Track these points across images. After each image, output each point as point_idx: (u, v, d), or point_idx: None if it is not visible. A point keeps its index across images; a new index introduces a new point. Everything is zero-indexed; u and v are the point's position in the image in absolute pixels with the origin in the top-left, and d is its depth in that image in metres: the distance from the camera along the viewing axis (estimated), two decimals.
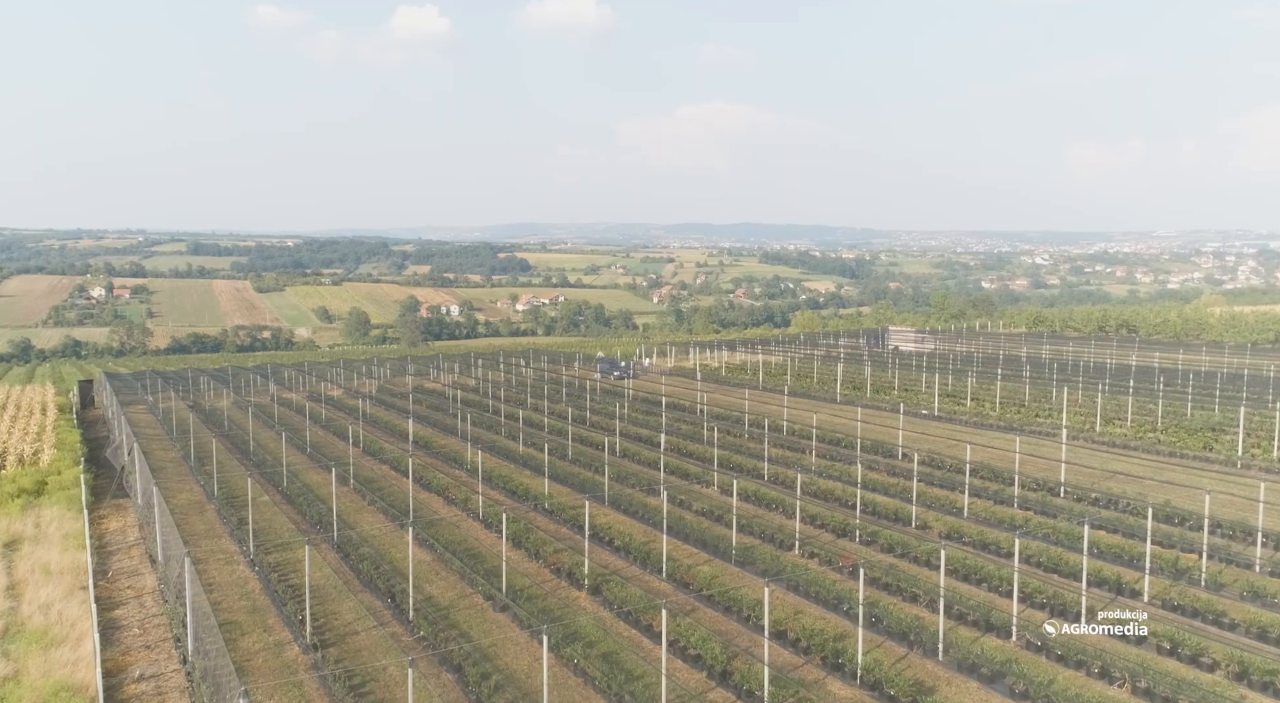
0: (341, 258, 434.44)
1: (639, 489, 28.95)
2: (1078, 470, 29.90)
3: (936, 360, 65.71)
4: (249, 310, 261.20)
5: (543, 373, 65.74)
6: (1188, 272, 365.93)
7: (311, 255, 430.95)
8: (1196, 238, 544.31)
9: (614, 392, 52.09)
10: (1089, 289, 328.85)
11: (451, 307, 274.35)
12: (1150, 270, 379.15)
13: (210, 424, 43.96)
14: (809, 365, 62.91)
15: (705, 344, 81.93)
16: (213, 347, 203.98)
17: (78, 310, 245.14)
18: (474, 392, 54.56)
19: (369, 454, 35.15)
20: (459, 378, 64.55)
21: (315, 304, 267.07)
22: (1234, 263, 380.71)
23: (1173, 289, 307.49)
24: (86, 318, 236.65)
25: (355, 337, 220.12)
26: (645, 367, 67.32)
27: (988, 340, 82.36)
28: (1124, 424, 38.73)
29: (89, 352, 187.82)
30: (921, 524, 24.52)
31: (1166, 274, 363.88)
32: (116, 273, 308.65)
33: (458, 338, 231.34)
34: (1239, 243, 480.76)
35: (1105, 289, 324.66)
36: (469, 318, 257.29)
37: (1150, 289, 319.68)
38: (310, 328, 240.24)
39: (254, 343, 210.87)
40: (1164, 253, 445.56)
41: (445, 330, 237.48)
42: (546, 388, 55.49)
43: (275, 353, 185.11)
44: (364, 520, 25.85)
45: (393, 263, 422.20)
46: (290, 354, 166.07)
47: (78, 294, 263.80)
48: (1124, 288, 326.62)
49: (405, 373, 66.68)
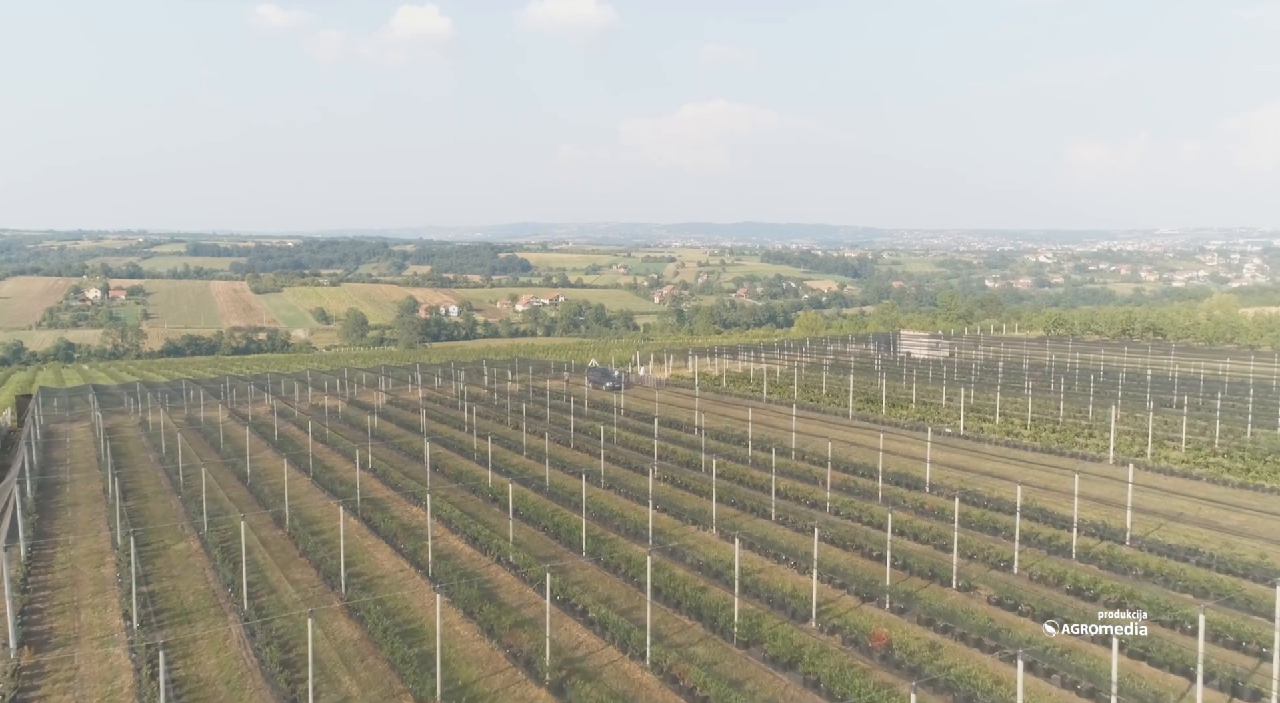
0: (341, 258, 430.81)
1: (623, 534, 24.59)
2: (1142, 507, 25.43)
3: (955, 369, 61.20)
4: (246, 312, 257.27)
5: (530, 383, 61.32)
6: (1192, 270, 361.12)
7: (311, 256, 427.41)
8: (1199, 236, 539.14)
9: (604, 405, 47.70)
10: (1094, 288, 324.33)
11: (450, 307, 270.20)
12: (1155, 269, 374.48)
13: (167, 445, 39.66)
14: (817, 375, 58.47)
15: (705, 350, 77.36)
16: (207, 349, 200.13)
17: (73, 312, 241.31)
18: (452, 407, 50.16)
19: (314, 487, 30.80)
20: (439, 389, 60.22)
21: (313, 305, 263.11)
22: (1239, 261, 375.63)
23: (1178, 287, 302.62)
24: (81, 320, 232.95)
25: (353, 338, 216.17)
26: (640, 376, 62.90)
27: (1006, 345, 77.73)
28: (1177, 445, 34.30)
29: (82, 354, 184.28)
30: (966, 584, 20.13)
31: (1171, 272, 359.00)
32: (113, 274, 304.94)
33: (456, 339, 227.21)
34: (1242, 241, 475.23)
35: (1110, 288, 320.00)
36: (468, 319, 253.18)
37: (1155, 288, 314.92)
38: (307, 329, 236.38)
39: (249, 345, 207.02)
40: (1168, 251, 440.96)
41: (444, 331, 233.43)
42: (528, 404, 51.12)
43: (268, 356, 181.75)
44: (293, 576, 21.54)
45: (393, 263, 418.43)
46: (283, 357, 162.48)
47: (73, 296, 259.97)
48: (1129, 286, 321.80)
49: (379, 386, 62.34)
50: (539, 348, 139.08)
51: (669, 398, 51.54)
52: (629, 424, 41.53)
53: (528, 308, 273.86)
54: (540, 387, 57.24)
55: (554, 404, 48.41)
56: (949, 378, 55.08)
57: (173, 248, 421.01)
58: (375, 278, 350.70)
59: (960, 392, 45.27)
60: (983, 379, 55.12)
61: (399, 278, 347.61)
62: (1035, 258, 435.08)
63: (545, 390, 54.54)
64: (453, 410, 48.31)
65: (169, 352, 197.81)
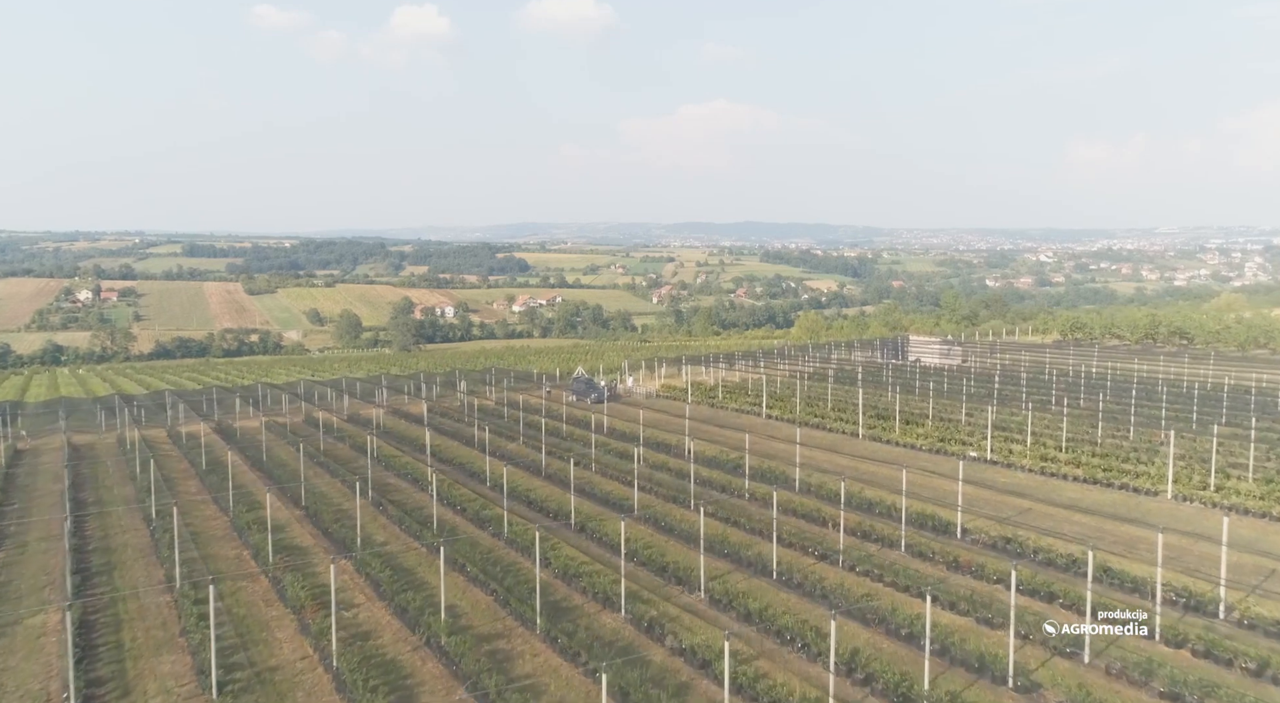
0: (338, 259, 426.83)
1: (592, 597, 19.93)
2: (1237, 569, 20.51)
3: (971, 378, 56.47)
4: (239, 313, 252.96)
5: (507, 397, 56.62)
6: (1194, 268, 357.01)
7: (308, 257, 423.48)
8: (1199, 234, 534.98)
9: (585, 423, 42.90)
10: (1095, 287, 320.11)
11: (446, 308, 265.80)
12: (1156, 267, 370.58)
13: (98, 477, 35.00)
14: (821, 386, 53.73)
15: (700, 358, 72.32)
16: (198, 351, 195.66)
17: (62, 314, 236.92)
18: (418, 423, 45.36)
19: (231, 533, 26.20)
20: (409, 402, 55.53)
21: (307, 306, 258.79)
22: (1240, 259, 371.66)
23: (1180, 286, 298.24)
24: (71, 322, 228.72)
25: (346, 340, 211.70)
26: (629, 387, 58.08)
27: (1023, 351, 72.66)
28: (1243, 475, 29.63)
29: (70, 357, 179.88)
30: (1025, 683, 15.48)
31: (1173, 271, 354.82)
32: (106, 275, 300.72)
33: (451, 340, 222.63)
34: (1242, 239, 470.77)
35: (1112, 287, 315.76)
36: (463, 320, 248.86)
37: (1157, 286, 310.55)
38: (301, 331, 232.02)
39: (241, 347, 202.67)
40: (1168, 249, 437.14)
41: (439, 333, 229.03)
42: (502, 420, 46.47)
43: (260, 358, 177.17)
44: None
45: (390, 264, 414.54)
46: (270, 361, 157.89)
47: (64, 297, 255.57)
48: (1130, 285, 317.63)
49: (346, 399, 57.70)
50: (532, 351, 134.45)
51: (658, 413, 46.81)
52: (610, 447, 36.80)
53: (524, 308, 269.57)
54: (518, 400, 52.38)
55: (529, 421, 43.67)
56: (966, 390, 50.37)
57: (168, 249, 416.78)
58: (371, 279, 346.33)
59: (982, 407, 40.59)
60: (1004, 391, 50.38)
61: (395, 279, 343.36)
62: (1036, 257, 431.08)
63: (522, 404, 49.70)
64: (415, 428, 43.54)
65: (159, 354, 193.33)
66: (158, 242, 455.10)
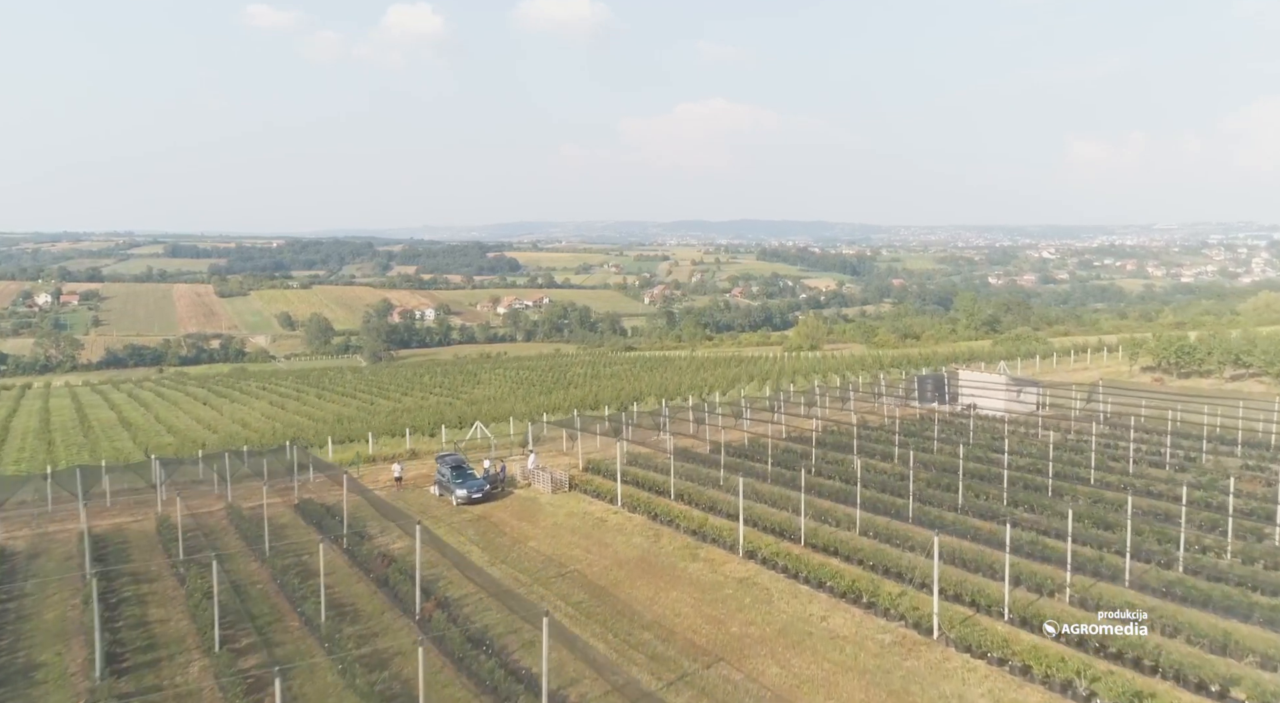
0: (325, 259, 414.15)
1: None
2: None
3: (1069, 443, 35.92)
4: (207, 317, 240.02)
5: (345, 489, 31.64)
6: (1200, 265, 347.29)
7: (294, 256, 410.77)
8: (1198, 230, 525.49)
9: (410, 571, 21.86)
10: (1102, 284, 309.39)
11: (427, 311, 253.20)
12: (1161, 263, 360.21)
13: None
14: (836, 464, 33.54)
15: (656, 414, 45.35)
16: (152, 359, 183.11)
17: (16, 319, 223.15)
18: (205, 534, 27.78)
19: None
20: (195, 506, 34.56)
21: (279, 309, 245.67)
22: (1246, 255, 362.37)
23: (1189, 283, 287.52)
24: (24, 327, 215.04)
25: (316, 345, 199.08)
26: (529, 469, 35.17)
27: (1121, 390, 47.57)
28: None
29: (10, 367, 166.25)
30: None
31: (1178, 268, 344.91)
32: (72, 278, 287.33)
33: (429, 346, 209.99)
34: (1243, 235, 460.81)
35: (1119, 284, 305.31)
36: (442, 323, 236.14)
37: (1165, 283, 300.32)
38: (269, 336, 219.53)
39: (200, 355, 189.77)
40: (1170, 245, 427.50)
41: (415, 337, 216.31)
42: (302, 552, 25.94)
43: (217, 366, 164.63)
44: None
45: (378, 264, 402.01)
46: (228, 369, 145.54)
47: (20, 301, 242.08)
48: (1137, 282, 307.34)
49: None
50: (513, 355, 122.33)
51: (559, 537, 27.20)
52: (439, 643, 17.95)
53: (510, 310, 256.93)
54: (365, 481, 33.87)
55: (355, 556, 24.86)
56: (1069, 471, 30.14)
57: (151, 249, 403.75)
58: (355, 279, 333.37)
59: (1131, 525, 21.45)
60: (1152, 484, 28.49)
61: (379, 280, 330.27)
62: (1037, 254, 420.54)
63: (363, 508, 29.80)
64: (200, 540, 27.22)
65: (109, 362, 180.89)
66: (144, 242, 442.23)
